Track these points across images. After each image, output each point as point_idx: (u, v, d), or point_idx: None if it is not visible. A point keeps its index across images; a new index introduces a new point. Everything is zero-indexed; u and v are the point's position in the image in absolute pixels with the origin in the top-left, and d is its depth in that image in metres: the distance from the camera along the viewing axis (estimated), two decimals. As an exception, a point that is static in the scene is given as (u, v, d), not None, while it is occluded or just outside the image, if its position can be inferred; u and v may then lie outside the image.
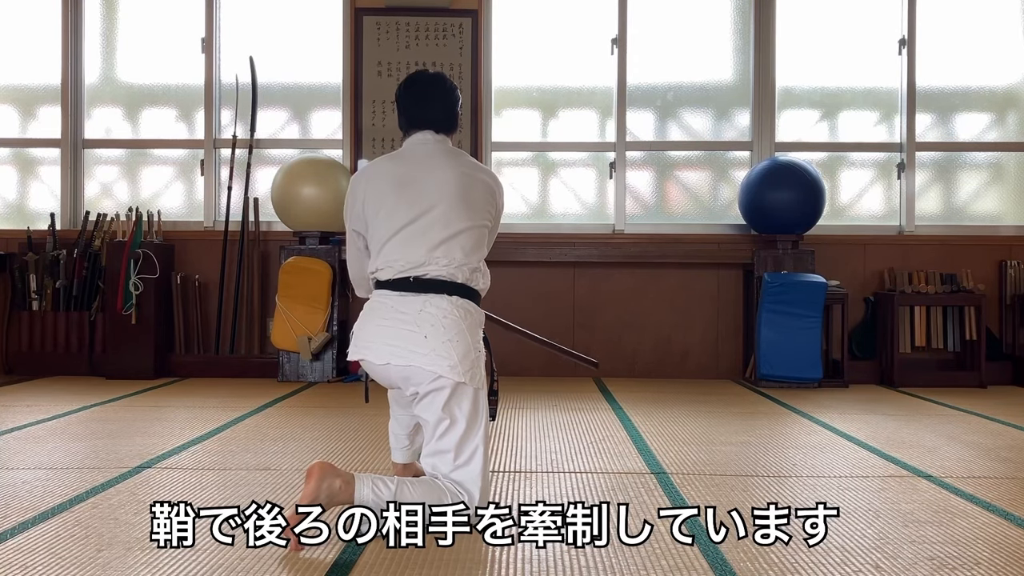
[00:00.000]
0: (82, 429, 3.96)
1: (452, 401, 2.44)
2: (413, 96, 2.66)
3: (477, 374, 2.47)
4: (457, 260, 2.51)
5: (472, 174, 2.62)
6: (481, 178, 2.63)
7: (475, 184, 2.60)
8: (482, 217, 2.60)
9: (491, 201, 2.63)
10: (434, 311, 2.44)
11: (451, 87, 2.70)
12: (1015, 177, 6.29)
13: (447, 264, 2.49)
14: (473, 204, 2.57)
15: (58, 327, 5.87)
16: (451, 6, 6.07)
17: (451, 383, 2.42)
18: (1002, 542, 2.36)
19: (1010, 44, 6.26)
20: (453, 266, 2.50)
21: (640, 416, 4.39)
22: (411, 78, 2.71)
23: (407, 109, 2.67)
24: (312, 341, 5.52)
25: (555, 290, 6.04)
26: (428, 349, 2.41)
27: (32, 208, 6.33)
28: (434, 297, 2.47)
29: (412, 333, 2.43)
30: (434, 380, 2.42)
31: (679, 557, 2.19)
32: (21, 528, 2.41)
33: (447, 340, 2.42)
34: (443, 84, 2.69)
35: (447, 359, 2.41)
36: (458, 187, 2.56)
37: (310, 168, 5.72)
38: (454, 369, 2.40)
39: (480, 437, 2.46)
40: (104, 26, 6.36)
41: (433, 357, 2.41)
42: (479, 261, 2.58)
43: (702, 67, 6.28)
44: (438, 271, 2.49)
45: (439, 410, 2.43)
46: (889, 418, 4.43)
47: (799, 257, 5.67)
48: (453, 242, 2.51)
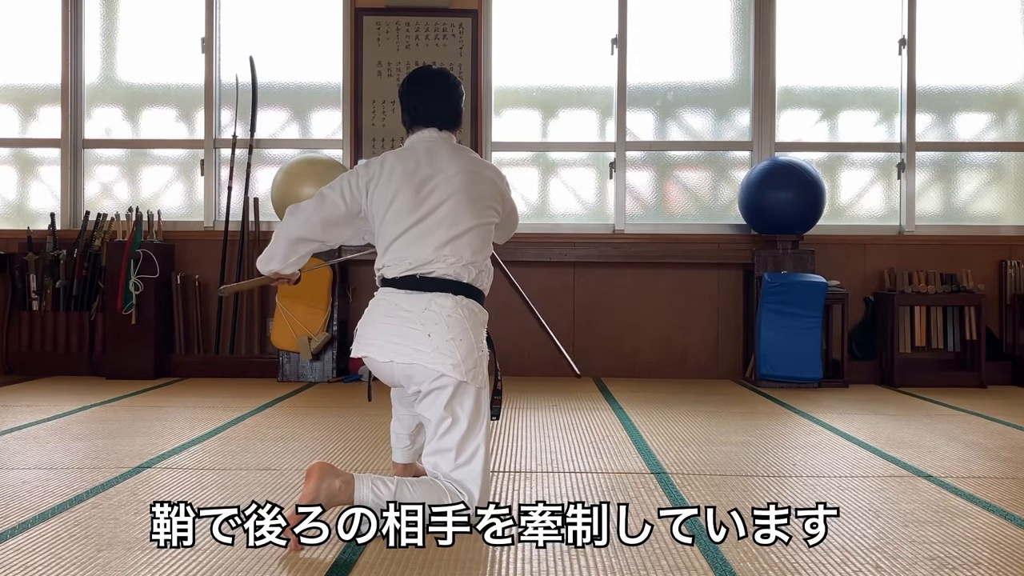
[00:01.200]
0: (82, 429, 3.95)
1: (454, 400, 2.43)
2: (416, 93, 2.65)
3: (480, 374, 2.46)
4: (465, 258, 2.50)
5: (478, 171, 2.61)
6: (487, 175, 2.62)
7: (481, 181, 2.59)
8: (488, 215, 2.59)
9: (497, 197, 2.62)
10: (438, 310, 2.44)
11: (454, 83, 2.69)
12: (1015, 177, 6.29)
13: (455, 263, 2.48)
14: (479, 201, 2.56)
15: (58, 327, 5.87)
16: (451, 6, 6.07)
17: (454, 382, 2.41)
18: (1002, 542, 2.36)
19: (1010, 44, 6.26)
20: (460, 265, 2.49)
21: (640, 416, 4.39)
22: (414, 74, 2.69)
23: (410, 106, 2.65)
24: (312, 341, 5.52)
25: (555, 290, 6.04)
26: (431, 348, 2.41)
27: (32, 208, 6.33)
28: (439, 296, 2.46)
29: (415, 331, 2.43)
30: (437, 379, 2.42)
31: (679, 557, 2.19)
32: (21, 528, 2.41)
33: (450, 339, 2.41)
34: (446, 80, 2.68)
35: (450, 358, 2.40)
36: (464, 184, 2.55)
37: (310, 168, 5.71)
38: (457, 368, 2.40)
39: (481, 437, 2.45)
40: (104, 26, 6.36)
41: (436, 356, 2.40)
42: (485, 260, 2.58)
43: (702, 67, 6.28)
44: (445, 270, 2.48)
45: (441, 409, 2.43)
46: (889, 418, 4.43)
47: (799, 257, 5.67)
48: (461, 240, 2.51)
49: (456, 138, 2.71)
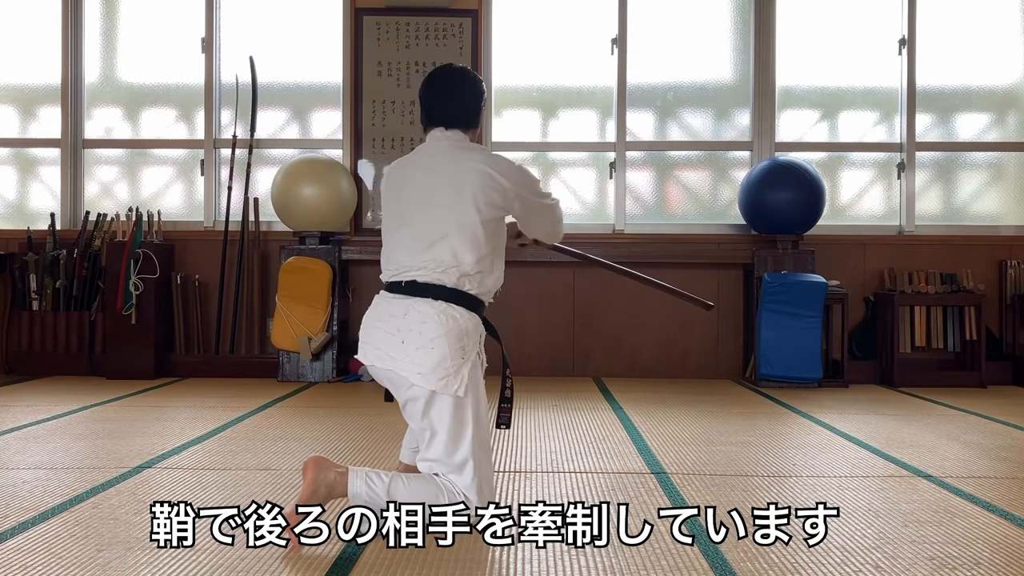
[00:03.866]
0: (82, 429, 3.96)
1: (429, 410, 2.42)
2: (427, 92, 2.64)
3: (455, 383, 2.40)
4: (445, 263, 2.46)
5: (466, 169, 2.51)
6: (477, 168, 2.51)
7: (469, 178, 2.50)
8: (474, 212, 2.48)
9: (490, 192, 2.50)
10: (416, 316, 2.43)
11: (464, 82, 2.63)
12: (1015, 177, 6.29)
13: (434, 268, 2.46)
14: (465, 201, 2.49)
15: (58, 327, 5.87)
16: (451, 6, 6.07)
17: (424, 392, 2.40)
18: (1002, 542, 2.36)
19: (1010, 44, 6.26)
20: (440, 270, 2.46)
21: (640, 416, 4.39)
22: (430, 74, 2.67)
23: (424, 106, 2.65)
24: (312, 341, 5.52)
25: (555, 290, 6.04)
26: (403, 355, 2.41)
27: (32, 208, 6.34)
28: (419, 301, 2.45)
29: (392, 337, 2.44)
30: (409, 388, 2.43)
31: (679, 557, 2.19)
32: (21, 528, 2.41)
33: (420, 347, 2.40)
34: (455, 79, 2.64)
35: (417, 367, 2.39)
36: (450, 186, 2.51)
37: (310, 168, 5.72)
38: (424, 377, 2.38)
39: (468, 448, 2.41)
40: (104, 26, 6.36)
41: (407, 363, 2.40)
42: (476, 262, 2.49)
43: (702, 67, 6.28)
44: (426, 275, 2.47)
45: (419, 418, 2.44)
46: (889, 418, 4.43)
47: (799, 257, 5.67)
48: (442, 244, 2.48)
49: (472, 137, 2.64)
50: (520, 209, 2.62)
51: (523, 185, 2.59)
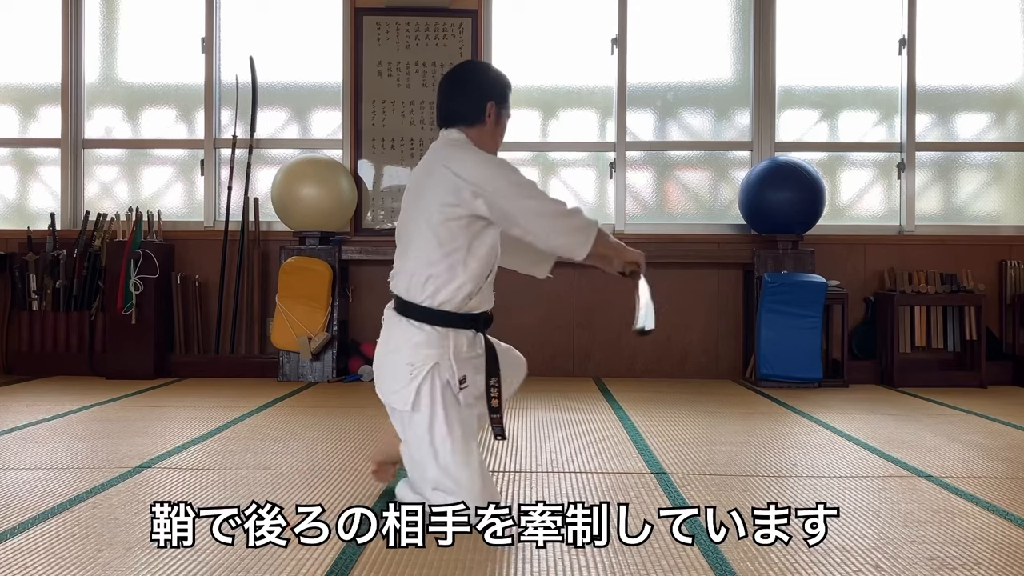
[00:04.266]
0: (82, 429, 3.95)
1: (395, 421, 2.51)
2: (437, 93, 2.66)
3: (405, 398, 2.39)
4: (408, 270, 2.46)
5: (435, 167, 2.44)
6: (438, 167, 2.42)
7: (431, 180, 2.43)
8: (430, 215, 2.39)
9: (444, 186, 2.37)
10: (384, 325, 2.52)
11: (466, 77, 2.61)
12: (1015, 177, 6.29)
13: (401, 276, 2.49)
14: (424, 204, 2.42)
15: (58, 327, 5.87)
16: (451, 6, 6.07)
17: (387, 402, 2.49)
18: (1002, 542, 2.36)
19: (1010, 44, 6.26)
20: (405, 278, 2.47)
21: (640, 416, 4.39)
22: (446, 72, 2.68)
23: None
24: (312, 341, 5.52)
25: (555, 290, 6.04)
26: (376, 363, 2.53)
27: (32, 208, 6.33)
28: (388, 309, 2.52)
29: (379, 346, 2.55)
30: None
31: (679, 557, 2.19)
32: (21, 528, 2.41)
33: (381, 356, 2.49)
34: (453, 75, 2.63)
35: (379, 379, 2.50)
36: (418, 189, 2.49)
37: (310, 168, 5.72)
38: (378, 388, 2.49)
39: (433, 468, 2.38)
40: (104, 26, 6.36)
41: (377, 372, 2.52)
42: (427, 267, 2.39)
43: (702, 67, 6.28)
44: (395, 285, 2.51)
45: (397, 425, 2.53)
46: (889, 418, 4.43)
47: (799, 257, 5.67)
48: (407, 252, 2.49)
49: (480, 132, 2.59)
50: (488, 209, 2.36)
51: (487, 180, 2.35)
